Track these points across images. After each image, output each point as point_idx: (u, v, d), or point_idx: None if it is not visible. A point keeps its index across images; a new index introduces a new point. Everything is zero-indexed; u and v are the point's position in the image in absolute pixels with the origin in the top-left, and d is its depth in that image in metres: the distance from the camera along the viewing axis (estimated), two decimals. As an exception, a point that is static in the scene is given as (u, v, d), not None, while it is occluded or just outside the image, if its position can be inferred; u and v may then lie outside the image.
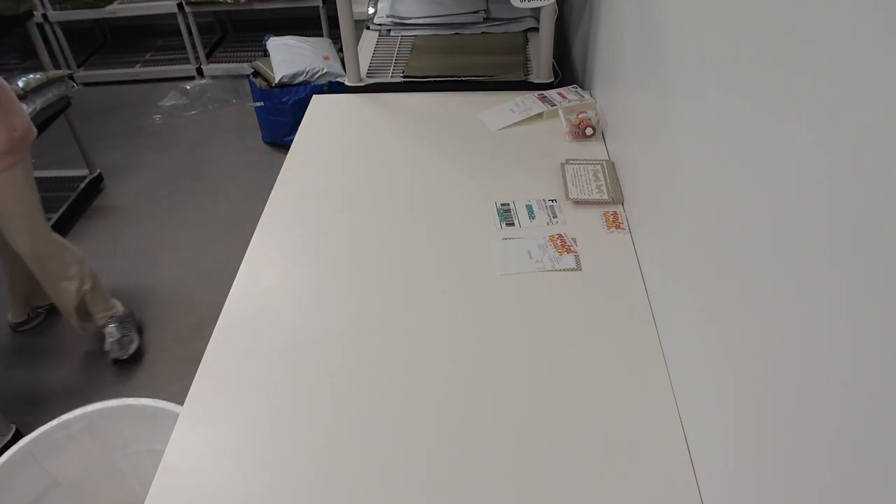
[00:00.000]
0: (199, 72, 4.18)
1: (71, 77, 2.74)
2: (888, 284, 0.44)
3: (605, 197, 1.29)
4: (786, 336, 0.59)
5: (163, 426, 1.22)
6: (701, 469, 0.82)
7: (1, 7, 2.58)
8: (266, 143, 3.40)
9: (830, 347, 0.52)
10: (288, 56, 3.03)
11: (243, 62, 4.13)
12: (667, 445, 0.87)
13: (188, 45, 4.10)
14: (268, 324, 1.08)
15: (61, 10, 3.84)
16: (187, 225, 2.87)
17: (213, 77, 4.17)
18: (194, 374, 1.00)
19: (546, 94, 1.63)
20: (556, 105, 1.58)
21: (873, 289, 0.46)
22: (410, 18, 1.99)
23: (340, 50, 1.80)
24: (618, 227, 1.23)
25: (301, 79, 2.98)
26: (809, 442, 0.55)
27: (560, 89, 1.65)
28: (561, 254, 1.17)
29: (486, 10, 1.97)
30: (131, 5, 3.93)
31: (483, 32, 1.94)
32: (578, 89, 1.64)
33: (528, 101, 1.61)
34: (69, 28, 4.04)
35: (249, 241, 1.26)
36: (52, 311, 2.42)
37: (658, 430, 0.89)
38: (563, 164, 1.39)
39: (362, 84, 1.75)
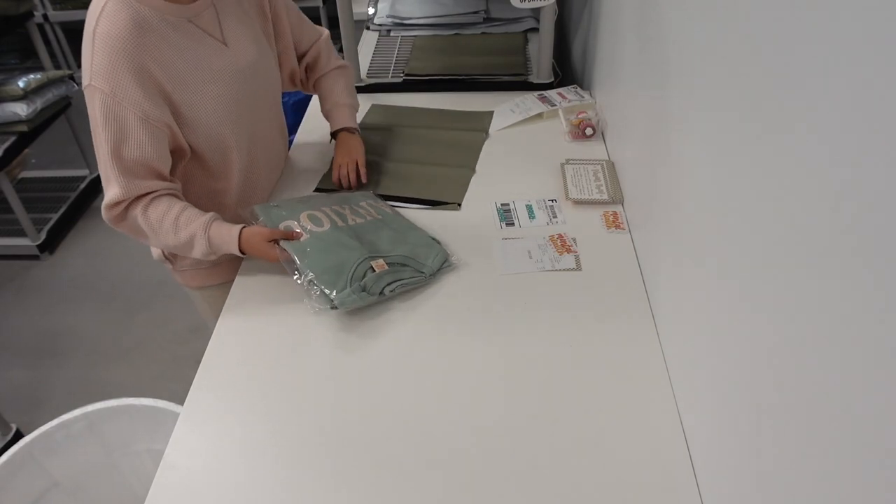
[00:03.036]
0: (200, 72, 4.17)
1: (71, 77, 2.74)
2: (888, 283, 0.44)
3: (605, 197, 1.28)
4: (786, 335, 0.59)
5: (163, 426, 1.22)
6: (700, 468, 0.82)
7: (1, 7, 2.58)
8: (266, 143, 3.39)
9: (830, 347, 0.51)
10: (288, 56, 3.03)
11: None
12: (667, 445, 0.87)
13: (188, 45, 4.08)
14: (267, 323, 1.08)
15: (61, 10, 3.84)
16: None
17: (214, 77, 4.15)
18: (194, 374, 1.00)
19: (546, 94, 1.63)
20: (556, 105, 1.58)
21: (873, 287, 0.46)
22: (410, 18, 1.99)
23: (340, 50, 1.80)
24: (618, 227, 1.23)
25: (301, 79, 2.98)
26: (808, 441, 0.55)
27: (560, 89, 1.65)
28: (561, 254, 1.17)
29: (486, 11, 1.97)
30: (131, 5, 3.91)
31: (483, 32, 1.94)
32: (578, 89, 1.63)
33: (528, 101, 1.61)
34: (69, 28, 4.03)
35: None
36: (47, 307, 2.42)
37: (658, 429, 0.89)
38: (563, 164, 1.38)
39: (362, 84, 1.75)
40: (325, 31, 1.35)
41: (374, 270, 1.07)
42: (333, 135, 1.38)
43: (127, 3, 0.98)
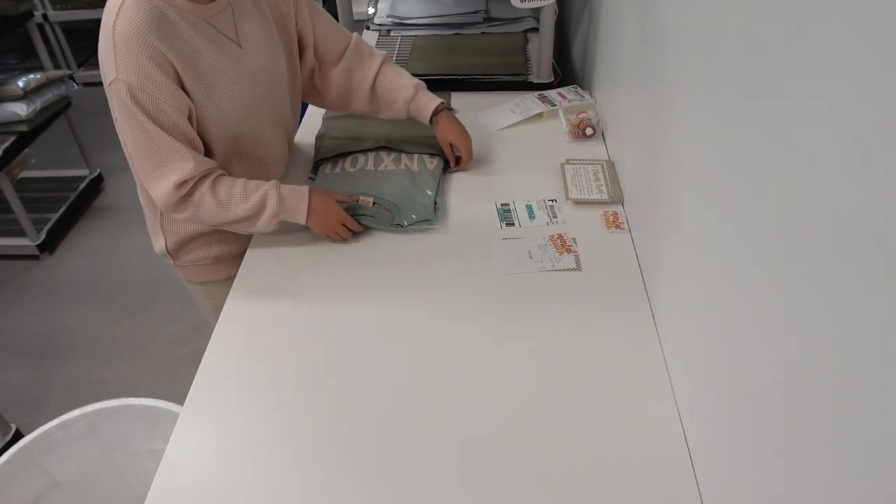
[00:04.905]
0: (199, 72, 4.16)
1: (71, 77, 2.74)
2: (889, 283, 0.44)
3: (605, 197, 1.28)
4: (786, 336, 0.59)
5: (163, 426, 1.22)
6: (701, 469, 0.82)
7: (1, 7, 2.58)
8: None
9: (831, 346, 0.51)
10: (288, 56, 3.03)
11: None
12: (667, 445, 0.87)
13: (188, 45, 4.07)
14: (267, 325, 1.08)
15: (61, 10, 3.83)
16: (187, 225, 2.86)
17: (213, 77, 4.14)
18: (194, 374, 1.00)
19: (546, 94, 1.63)
20: (556, 105, 1.58)
21: (874, 286, 0.46)
22: (410, 18, 1.99)
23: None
24: (618, 227, 1.23)
25: (301, 79, 2.98)
26: (808, 442, 0.55)
27: (560, 89, 1.65)
28: (561, 254, 1.17)
29: (486, 10, 1.97)
30: (131, 5, 3.90)
31: (483, 32, 1.94)
32: (578, 89, 1.63)
33: (528, 101, 1.61)
34: (69, 28, 4.02)
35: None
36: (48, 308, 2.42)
37: (658, 430, 0.89)
38: (563, 164, 1.38)
39: (362, 84, 1.74)
40: (355, 34, 1.35)
41: (359, 202, 1.26)
42: (431, 116, 1.33)
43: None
